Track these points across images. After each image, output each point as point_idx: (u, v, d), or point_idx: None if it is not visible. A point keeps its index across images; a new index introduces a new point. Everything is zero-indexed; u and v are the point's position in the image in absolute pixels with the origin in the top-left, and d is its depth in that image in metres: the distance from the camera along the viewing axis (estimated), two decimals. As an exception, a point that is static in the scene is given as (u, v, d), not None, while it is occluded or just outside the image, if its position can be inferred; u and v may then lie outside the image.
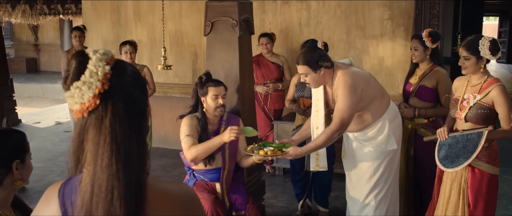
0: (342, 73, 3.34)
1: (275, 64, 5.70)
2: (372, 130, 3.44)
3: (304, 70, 3.37)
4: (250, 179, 4.11)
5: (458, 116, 3.30)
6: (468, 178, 3.27)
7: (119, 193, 1.11)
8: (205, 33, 3.98)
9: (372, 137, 3.45)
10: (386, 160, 3.49)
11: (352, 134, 3.54)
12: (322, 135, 3.32)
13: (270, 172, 5.93)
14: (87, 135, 1.16)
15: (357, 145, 3.53)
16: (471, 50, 3.21)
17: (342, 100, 3.27)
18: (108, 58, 1.17)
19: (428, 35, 3.90)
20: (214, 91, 3.45)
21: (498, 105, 3.16)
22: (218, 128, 3.55)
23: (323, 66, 3.33)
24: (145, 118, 1.22)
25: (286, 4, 6.16)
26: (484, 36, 3.19)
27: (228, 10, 3.88)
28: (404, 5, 5.64)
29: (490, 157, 3.24)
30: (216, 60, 4.00)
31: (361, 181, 3.55)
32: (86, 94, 1.13)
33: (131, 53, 5.55)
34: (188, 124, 3.46)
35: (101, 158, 1.13)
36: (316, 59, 3.33)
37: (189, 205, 1.24)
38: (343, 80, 3.30)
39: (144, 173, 1.17)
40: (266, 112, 5.76)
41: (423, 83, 3.94)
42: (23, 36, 17.51)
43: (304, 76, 3.39)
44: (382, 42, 5.78)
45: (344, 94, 3.26)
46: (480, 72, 3.24)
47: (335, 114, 3.32)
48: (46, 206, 1.22)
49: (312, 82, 3.41)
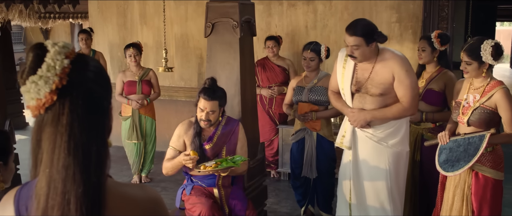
0: (393, 52, 3.25)
1: (281, 67, 5.61)
2: (393, 127, 3.32)
3: (357, 42, 3.14)
4: (251, 184, 4.01)
5: (461, 120, 3.18)
6: (471, 183, 3.15)
7: (75, 196, 1.03)
8: (206, 34, 3.92)
9: (391, 135, 3.33)
10: (400, 162, 3.39)
11: (370, 132, 3.36)
12: (394, 107, 3.21)
13: (275, 177, 5.83)
14: (44, 134, 1.08)
15: (373, 146, 3.38)
16: (472, 56, 3.10)
17: (407, 77, 3.15)
18: (68, 52, 1.08)
19: (438, 36, 3.80)
20: (202, 104, 3.30)
21: (501, 109, 3.04)
22: (213, 133, 3.42)
23: (376, 40, 3.17)
24: (106, 117, 1.14)
25: (293, 7, 6.08)
26: (486, 40, 3.07)
27: (229, 11, 3.80)
28: (412, 8, 5.53)
29: (494, 162, 3.12)
30: (216, 62, 3.92)
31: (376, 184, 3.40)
32: (43, 89, 1.05)
33: (135, 56, 5.50)
34: (176, 133, 3.43)
35: (58, 159, 1.04)
36: (371, 30, 3.15)
37: (151, 211, 1.15)
38: (400, 58, 3.21)
39: (104, 175, 1.09)
40: (271, 115, 5.67)
41: (431, 87, 3.83)
42: (35, 40, 17.62)
43: (355, 49, 3.17)
44: (389, 46, 5.57)
45: (408, 71, 3.17)
46: (482, 75, 3.12)
47: (405, 93, 3.18)
48: (1, 212, 1.15)
49: (360, 56, 3.20)
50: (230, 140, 3.43)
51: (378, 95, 3.28)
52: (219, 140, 3.40)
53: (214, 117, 3.33)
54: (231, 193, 3.50)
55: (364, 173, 3.44)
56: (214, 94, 3.29)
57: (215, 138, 3.39)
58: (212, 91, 3.30)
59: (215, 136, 3.40)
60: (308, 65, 4.34)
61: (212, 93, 3.29)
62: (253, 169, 4.01)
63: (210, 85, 3.33)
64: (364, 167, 3.43)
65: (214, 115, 3.31)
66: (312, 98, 4.27)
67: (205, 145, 3.37)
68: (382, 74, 3.25)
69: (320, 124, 4.24)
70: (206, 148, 3.37)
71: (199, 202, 3.29)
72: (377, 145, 3.34)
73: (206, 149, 3.37)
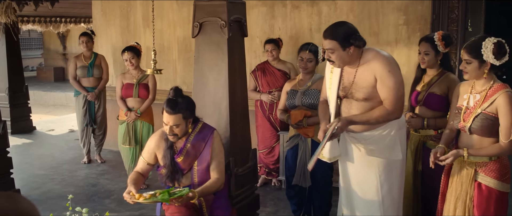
0: (377, 52, 3.00)
1: (281, 71, 5.39)
2: (378, 132, 3.07)
3: (332, 45, 2.96)
4: (240, 193, 3.79)
5: (462, 127, 2.92)
6: (474, 195, 2.89)
7: None
8: (193, 34, 3.73)
9: (377, 141, 3.08)
10: (392, 171, 3.12)
11: (356, 136, 3.13)
12: (377, 110, 2.97)
13: (276, 185, 5.60)
14: None
15: (360, 154, 3.14)
16: (472, 53, 2.84)
17: (390, 77, 2.91)
18: None
19: (441, 38, 3.53)
20: (164, 118, 3.07)
21: (501, 114, 2.76)
22: (183, 145, 3.18)
23: (354, 45, 2.95)
24: None
25: (296, 9, 5.87)
26: (489, 38, 2.81)
27: (217, 10, 3.61)
28: (421, 10, 5.26)
29: (499, 172, 2.85)
30: (204, 64, 3.73)
31: (366, 195, 3.17)
32: None
33: (131, 59, 5.37)
34: (148, 145, 3.25)
35: None
36: (347, 34, 2.94)
37: None
38: (383, 58, 2.96)
39: None
40: (271, 122, 5.44)
41: (432, 91, 3.56)
42: (52, 45, 17.74)
43: (330, 52, 2.98)
44: (397, 49, 5.40)
45: (391, 71, 2.92)
46: (484, 78, 2.86)
47: (387, 94, 2.94)
48: None
49: (337, 61, 3.00)
50: (203, 151, 3.18)
51: (362, 100, 3.05)
52: (190, 151, 3.17)
53: (180, 130, 3.09)
54: (213, 201, 3.29)
55: (354, 184, 3.20)
56: (176, 107, 3.02)
57: (184, 150, 3.16)
58: (175, 103, 3.03)
59: (185, 148, 3.17)
60: (305, 66, 4.13)
61: (174, 106, 3.02)
62: (243, 176, 3.80)
63: (173, 96, 3.07)
64: (353, 177, 3.20)
65: (178, 128, 3.07)
66: (305, 102, 4.04)
67: (176, 158, 3.16)
68: (364, 78, 3.02)
69: (314, 130, 4.01)
70: (177, 161, 3.16)
71: (177, 212, 3.10)
72: (366, 154, 3.10)
73: (178, 162, 3.16)
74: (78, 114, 6.51)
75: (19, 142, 7.93)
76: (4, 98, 8.50)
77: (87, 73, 6.37)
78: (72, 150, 7.29)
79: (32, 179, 5.92)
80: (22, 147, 7.64)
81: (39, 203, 5.08)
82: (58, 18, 10.48)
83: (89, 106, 6.43)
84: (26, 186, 5.61)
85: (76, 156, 6.90)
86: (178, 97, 3.06)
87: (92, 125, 6.50)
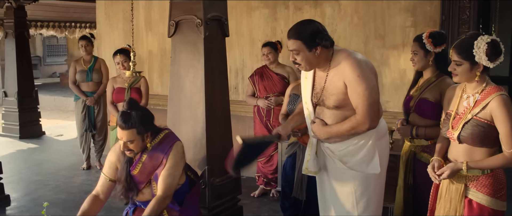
0: (348, 54, 2.65)
1: (280, 75, 5.10)
2: (353, 143, 2.74)
3: (295, 46, 2.63)
4: (218, 204, 3.51)
5: (451, 135, 2.57)
6: (463, 214, 2.54)
7: None
8: (169, 34, 3.50)
9: (352, 153, 2.75)
10: (370, 186, 2.79)
11: (330, 148, 2.82)
12: (348, 121, 2.65)
13: (274, 196, 5.30)
14: None
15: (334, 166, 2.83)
16: (463, 54, 2.49)
17: (359, 82, 2.57)
18: None
19: (429, 36, 3.19)
20: (117, 133, 2.80)
21: (498, 121, 2.41)
22: (138, 158, 2.89)
23: (320, 45, 2.62)
24: None
25: (299, 11, 5.58)
26: (481, 36, 2.47)
27: (192, 8, 3.38)
28: (429, 11, 4.89)
29: (492, 188, 2.49)
30: (180, 65, 3.49)
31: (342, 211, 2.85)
32: None
33: (123, 62, 5.17)
34: (108, 159, 2.97)
35: None
36: (313, 34, 2.61)
37: None
38: (352, 60, 2.61)
39: None
40: (269, 128, 5.14)
41: (424, 96, 3.19)
42: (76, 51, 17.90)
43: (295, 53, 2.65)
44: (404, 53, 5.04)
45: (360, 75, 2.57)
46: (476, 80, 2.51)
47: (357, 102, 2.62)
48: None
49: (303, 63, 2.67)
50: (161, 164, 2.86)
51: (333, 108, 2.71)
52: (147, 163, 2.88)
53: (135, 146, 2.80)
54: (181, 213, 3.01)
55: (329, 199, 2.88)
56: (129, 121, 2.73)
57: (140, 163, 2.88)
58: (128, 117, 2.74)
59: (141, 160, 2.88)
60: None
61: (126, 120, 2.73)
62: (221, 187, 3.53)
63: (127, 109, 2.78)
64: (328, 191, 2.88)
65: (133, 144, 2.79)
66: None
67: (132, 171, 2.88)
68: (334, 83, 2.68)
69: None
70: (134, 174, 2.89)
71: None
72: (341, 167, 2.77)
73: (134, 175, 2.89)
74: (77, 119, 6.38)
75: (25, 147, 7.85)
76: (13, 102, 8.47)
77: (86, 77, 6.23)
78: (74, 156, 7.15)
79: (27, 185, 5.78)
80: (26, 151, 7.55)
81: (26, 209, 4.93)
82: (73, 23, 10.47)
83: (88, 111, 6.28)
84: (18, 191, 5.48)
85: (77, 162, 6.75)
86: (132, 110, 2.77)
87: (92, 130, 6.36)
